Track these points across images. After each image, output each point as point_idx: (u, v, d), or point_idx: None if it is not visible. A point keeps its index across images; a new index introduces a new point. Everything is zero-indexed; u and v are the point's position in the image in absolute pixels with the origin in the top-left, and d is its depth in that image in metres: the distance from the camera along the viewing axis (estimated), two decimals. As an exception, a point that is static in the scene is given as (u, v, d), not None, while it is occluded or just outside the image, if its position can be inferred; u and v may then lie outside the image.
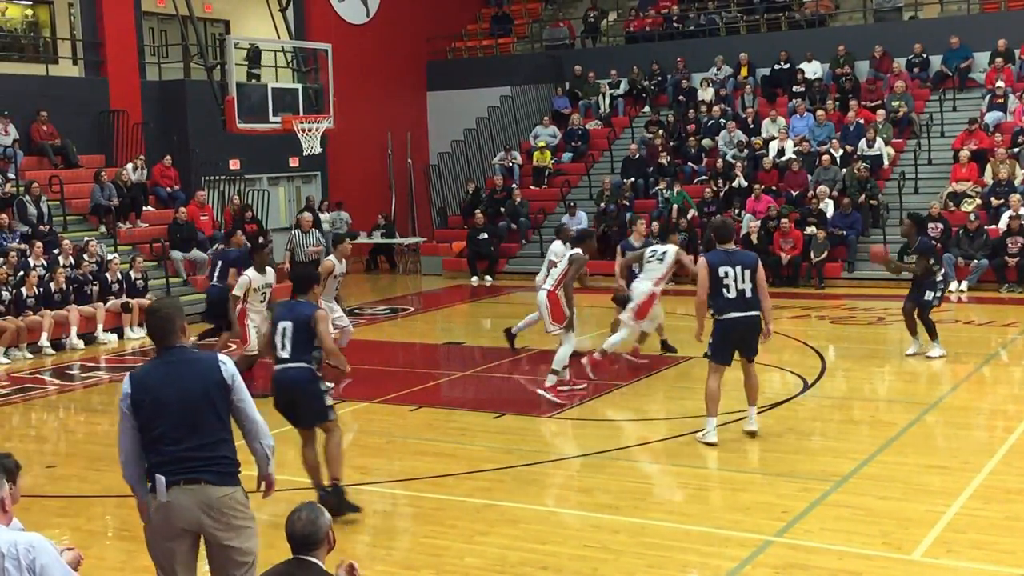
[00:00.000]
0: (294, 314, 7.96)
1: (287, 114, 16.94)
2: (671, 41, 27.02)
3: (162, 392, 5.13)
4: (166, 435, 5.12)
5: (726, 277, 9.45)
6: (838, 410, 11.10)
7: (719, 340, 9.71)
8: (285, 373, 7.89)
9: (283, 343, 7.89)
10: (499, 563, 7.00)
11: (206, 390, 5.17)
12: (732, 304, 9.48)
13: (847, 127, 22.57)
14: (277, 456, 5.74)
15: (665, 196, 22.27)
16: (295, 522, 4.60)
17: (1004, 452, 9.13)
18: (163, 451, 5.13)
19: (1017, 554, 6.89)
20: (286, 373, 7.88)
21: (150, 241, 19.18)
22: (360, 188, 25.92)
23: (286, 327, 7.91)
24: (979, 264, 18.73)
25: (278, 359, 7.95)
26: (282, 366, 7.92)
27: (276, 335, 7.94)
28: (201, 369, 5.23)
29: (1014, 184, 19.91)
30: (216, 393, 5.19)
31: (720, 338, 9.68)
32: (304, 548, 4.58)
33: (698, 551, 7.18)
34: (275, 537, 7.61)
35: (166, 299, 7.10)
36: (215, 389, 5.19)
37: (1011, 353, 13.95)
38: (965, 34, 23.57)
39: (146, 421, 5.14)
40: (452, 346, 15.75)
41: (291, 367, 7.87)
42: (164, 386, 5.14)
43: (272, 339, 7.98)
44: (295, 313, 7.97)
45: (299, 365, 7.86)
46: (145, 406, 5.13)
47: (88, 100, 20.89)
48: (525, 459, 9.41)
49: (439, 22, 28.60)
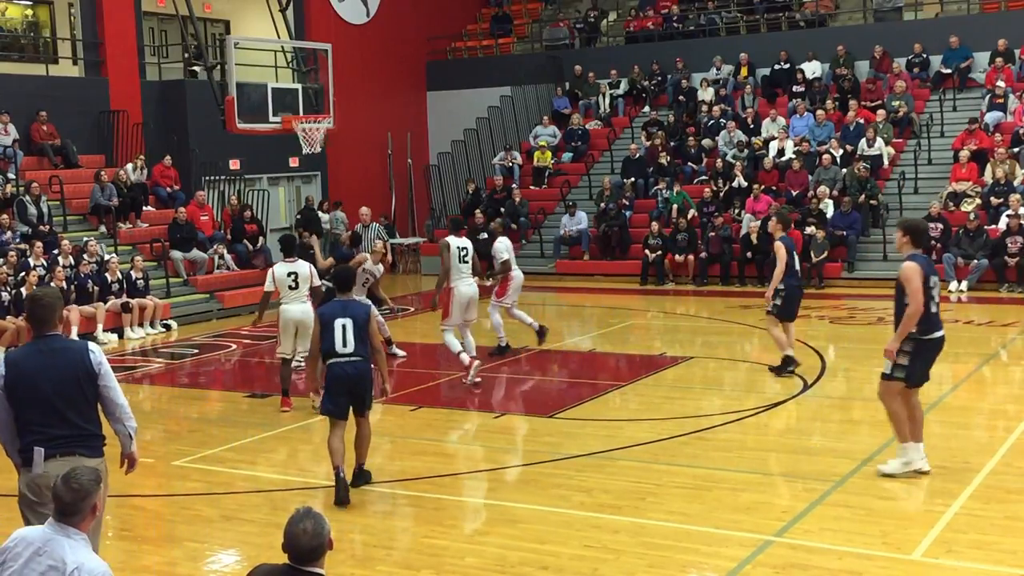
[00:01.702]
0: (351, 312, 8.46)
1: (287, 114, 16.93)
2: (671, 41, 27.02)
3: (36, 379, 5.62)
4: (37, 419, 5.62)
5: (933, 288, 8.23)
6: (838, 410, 11.10)
7: (920, 362, 8.39)
8: (352, 367, 8.35)
9: (344, 339, 8.36)
10: (499, 563, 7.00)
11: (76, 377, 5.66)
12: (937, 322, 8.31)
13: (847, 127, 22.57)
14: (272, 455, 5.73)
15: (665, 196, 22.27)
16: (300, 535, 4.17)
17: (1004, 452, 9.13)
18: (36, 431, 5.61)
19: (1017, 554, 6.89)
20: (353, 367, 8.35)
21: (150, 241, 19.18)
22: (360, 188, 25.88)
23: (346, 324, 8.39)
24: (979, 264, 18.74)
25: (338, 353, 8.35)
26: (345, 360, 8.35)
27: (335, 332, 8.35)
28: (72, 357, 5.70)
29: (1014, 184, 19.91)
30: (85, 380, 5.67)
31: (923, 360, 8.40)
32: (308, 561, 4.19)
33: (698, 551, 7.18)
34: (275, 537, 7.63)
35: (48, 288, 7.57)
36: (84, 376, 5.67)
37: (1011, 353, 13.95)
38: (965, 34, 23.58)
39: (19, 404, 5.64)
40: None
41: (356, 360, 8.36)
42: (38, 373, 5.63)
43: (324, 337, 8.41)
44: (351, 311, 8.47)
45: (362, 358, 8.39)
46: (19, 390, 5.62)
47: (88, 100, 20.89)
48: (525, 459, 9.41)
49: (439, 22, 28.61)
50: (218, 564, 7.22)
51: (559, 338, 14.65)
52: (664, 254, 21.04)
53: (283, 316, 11.60)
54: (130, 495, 8.36)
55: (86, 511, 4.35)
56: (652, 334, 16.62)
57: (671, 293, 20.37)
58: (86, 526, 4.38)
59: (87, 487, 4.34)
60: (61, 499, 4.34)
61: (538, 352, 14.18)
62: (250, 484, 9.07)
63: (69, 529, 4.32)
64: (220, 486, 8.59)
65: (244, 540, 7.68)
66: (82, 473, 4.42)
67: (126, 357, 15.38)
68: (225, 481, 8.83)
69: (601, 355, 14.26)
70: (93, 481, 4.39)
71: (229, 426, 11.09)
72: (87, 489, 4.34)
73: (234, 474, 9.20)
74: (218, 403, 12.05)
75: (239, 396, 12.46)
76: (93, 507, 4.37)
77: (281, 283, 11.54)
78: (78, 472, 4.42)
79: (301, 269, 11.60)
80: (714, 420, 10.55)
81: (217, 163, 21.84)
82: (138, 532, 7.94)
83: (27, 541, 4.34)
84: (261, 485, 9.12)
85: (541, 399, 11.98)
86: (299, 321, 11.40)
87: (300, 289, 11.53)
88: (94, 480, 4.40)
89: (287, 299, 11.57)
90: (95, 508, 4.39)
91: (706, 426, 10.29)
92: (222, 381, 14.07)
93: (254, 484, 9.10)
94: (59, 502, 4.35)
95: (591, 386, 12.35)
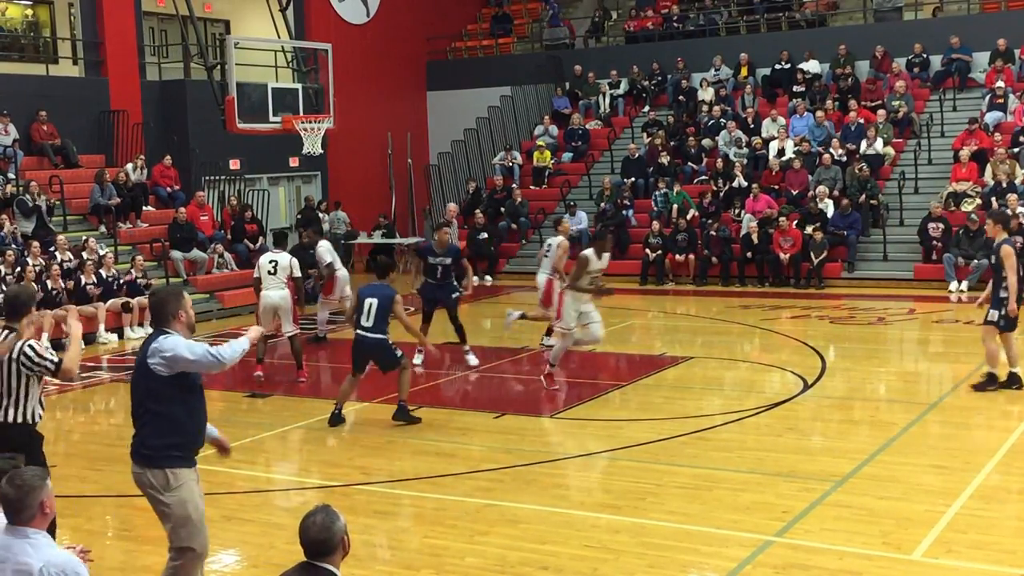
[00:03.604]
0: (379, 294, 10.38)
1: (287, 114, 16.94)
2: (671, 41, 27.02)
3: None
4: None
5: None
6: (838, 410, 11.10)
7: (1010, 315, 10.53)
8: (369, 338, 10.34)
9: (368, 315, 10.30)
10: (499, 563, 7.00)
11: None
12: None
13: (847, 127, 22.56)
14: (272, 455, 5.73)
15: (664, 195, 22.25)
16: (309, 527, 4.29)
17: (1004, 452, 9.13)
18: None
19: (1017, 554, 6.89)
20: (370, 338, 10.34)
21: (150, 241, 19.17)
22: (360, 188, 25.91)
23: (372, 303, 10.33)
24: (979, 264, 18.71)
25: (361, 326, 10.35)
26: (365, 332, 10.35)
27: (363, 308, 10.31)
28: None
29: (1014, 184, 19.90)
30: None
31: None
32: (317, 555, 4.28)
33: (698, 551, 7.18)
34: (275, 537, 7.63)
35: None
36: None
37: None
38: (965, 34, 23.57)
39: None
40: (452, 346, 15.75)
41: (371, 336, 10.34)
42: None
43: (357, 310, 10.39)
44: (379, 293, 10.39)
45: (377, 336, 10.33)
46: None
47: (88, 100, 20.89)
48: (525, 459, 9.41)
49: (439, 22, 28.60)
50: (218, 564, 7.22)
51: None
52: (664, 254, 21.04)
53: (263, 301, 12.72)
54: (130, 495, 8.36)
55: (35, 507, 4.27)
56: (652, 334, 16.62)
57: (671, 293, 20.37)
58: (40, 524, 4.29)
59: (31, 482, 4.28)
60: (7, 498, 4.27)
61: (539, 352, 14.18)
62: (250, 484, 9.07)
63: (26, 530, 4.23)
64: (220, 486, 8.59)
65: (244, 540, 7.68)
66: (25, 471, 4.39)
67: (127, 357, 15.37)
68: (225, 481, 8.83)
69: (601, 355, 14.26)
70: (37, 477, 4.34)
71: (229, 426, 11.01)
72: (31, 484, 4.28)
73: (234, 474, 9.19)
74: (218, 403, 12.04)
75: (239, 396, 12.45)
76: (42, 504, 4.29)
77: (262, 269, 12.79)
78: (21, 471, 4.40)
79: (282, 259, 12.78)
80: (714, 420, 10.55)
81: (217, 163, 21.84)
82: (138, 532, 7.93)
83: None
84: (261, 485, 9.12)
85: (541, 399, 11.98)
86: (277, 305, 12.69)
87: (278, 276, 12.67)
88: (38, 476, 4.35)
89: (266, 285, 12.73)
90: (44, 505, 4.30)
91: (706, 426, 10.29)
92: (222, 381, 14.00)
93: (254, 484, 9.10)
94: (6, 502, 4.28)
95: (591, 386, 12.35)
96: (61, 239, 17.29)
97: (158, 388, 5.69)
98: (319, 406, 11.62)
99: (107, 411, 12.19)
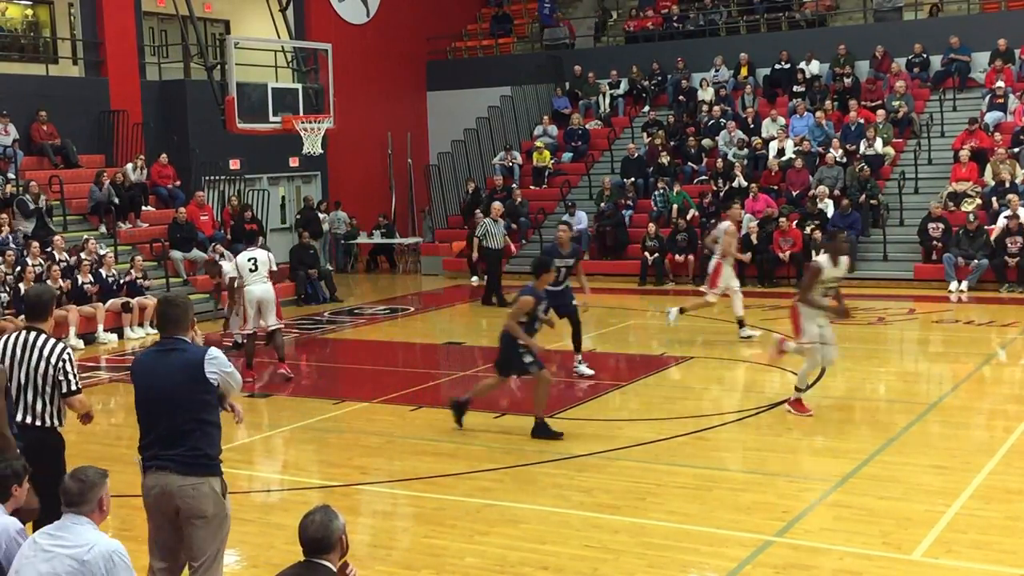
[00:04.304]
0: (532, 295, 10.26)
1: (287, 114, 16.93)
2: (671, 41, 27.02)
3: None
4: None
5: None
6: (838, 410, 11.09)
7: None
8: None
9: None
10: (499, 563, 7.00)
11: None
12: None
13: (847, 127, 22.56)
14: (272, 455, 5.72)
15: (664, 196, 22.23)
16: (308, 525, 4.50)
17: (1004, 452, 9.13)
18: None
19: (1017, 554, 6.89)
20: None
21: (150, 241, 19.17)
22: (360, 188, 25.91)
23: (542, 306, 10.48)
24: (979, 264, 18.72)
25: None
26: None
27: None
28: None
29: (1015, 184, 19.89)
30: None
31: None
32: (315, 552, 4.49)
33: (698, 551, 7.17)
34: (274, 537, 7.63)
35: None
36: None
37: (1011, 353, 13.94)
38: (965, 34, 23.57)
39: None
40: (452, 346, 15.75)
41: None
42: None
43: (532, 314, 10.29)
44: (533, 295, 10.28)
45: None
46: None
47: (88, 100, 20.89)
48: (525, 459, 9.41)
49: (439, 22, 28.60)
50: (218, 564, 7.21)
51: (559, 338, 14.57)
52: (663, 255, 21.02)
53: (247, 296, 13.10)
54: (130, 495, 8.35)
55: (94, 502, 4.70)
56: (652, 334, 16.61)
57: (671, 293, 20.35)
58: (97, 519, 4.72)
59: (93, 478, 4.74)
60: (69, 491, 4.69)
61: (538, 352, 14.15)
62: (249, 484, 9.07)
63: (81, 518, 4.66)
64: (220, 486, 8.58)
65: (243, 540, 7.67)
66: (88, 468, 4.82)
67: (126, 357, 15.36)
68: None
69: (601, 355, 14.26)
70: (99, 474, 4.78)
71: (228, 426, 11.04)
72: (93, 480, 4.72)
73: (234, 474, 9.17)
74: (218, 403, 12.04)
75: (238, 397, 12.43)
76: (100, 500, 4.71)
77: (242, 267, 13.21)
78: (85, 468, 4.81)
79: (260, 255, 13.24)
80: (714, 420, 10.54)
81: (217, 163, 21.83)
82: (138, 532, 7.90)
83: (34, 539, 4.70)
84: (260, 485, 9.11)
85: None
86: (260, 299, 13.00)
87: (260, 271, 13.07)
88: (100, 474, 4.79)
89: (248, 281, 13.09)
90: (102, 501, 4.72)
91: (706, 426, 10.29)
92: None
93: (253, 484, 9.10)
94: (67, 495, 4.69)
95: (591, 386, 12.34)
96: (58, 239, 17.28)
97: (212, 399, 5.63)
98: (318, 406, 11.62)
99: (106, 411, 12.17)
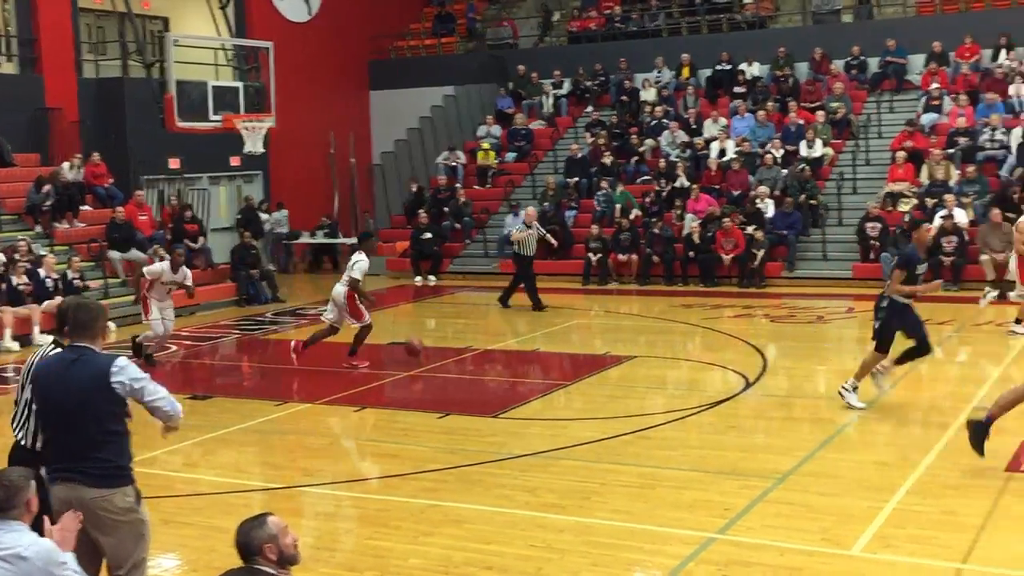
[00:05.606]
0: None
1: (228, 113, 16.77)
2: (614, 42, 27.14)
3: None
4: None
5: None
6: (779, 408, 11.22)
7: None
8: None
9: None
10: (443, 563, 6.98)
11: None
12: None
13: (788, 128, 22.82)
14: (213, 458, 5.65)
15: (607, 195, 22.32)
16: (236, 532, 4.68)
17: (940, 448, 9.28)
18: None
19: (953, 548, 7.01)
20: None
21: (87, 241, 18.86)
22: (302, 188, 25.70)
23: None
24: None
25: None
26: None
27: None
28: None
29: (949, 184, 20.26)
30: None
31: None
32: (245, 557, 4.66)
33: (642, 549, 7.21)
34: (216, 541, 7.53)
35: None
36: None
37: (947, 351, 14.19)
38: (901, 37, 23.96)
39: None
40: (395, 346, 15.69)
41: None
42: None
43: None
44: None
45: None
46: None
47: (23, 97, 20.47)
48: (469, 459, 9.39)
49: (382, 21, 28.47)
50: (158, 568, 7.11)
51: (503, 338, 14.69)
52: (607, 254, 21.11)
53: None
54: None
55: (21, 505, 4.69)
56: (595, 333, 16.68)
57: (614, 292, 20.46)
58: (26, 519, 4.72)
59: (17, 483, 4.72)
60: None
61: (482, 352, 14.17)
62: (190, 487, 8.96)
63: (12, 523, 4.67)
64: (159, 489, 8.45)
65: (184, 544, 7.58)
66: (11, 471, 4.83)
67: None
68: (164, 484, 8.70)
69: (545, 354, 14.28)
70: (23, 477, 4.77)
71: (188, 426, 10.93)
72: (17, 484, 4.71)
73: (173, 477, 9.07)
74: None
75: (180, 398, 12.23)
76: (28, 502, 4.71)
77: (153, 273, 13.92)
78: (8, 471, 4.83)
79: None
80: (657, 419, 10.61)
81: (156, 162, 21.53)
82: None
83: None
84: (201, 488, 9.00)
85: (485, 399, 11.96)
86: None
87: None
88: (24, 476, 4.77)
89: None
90: (29, 503, 4.72)
91: (649, 425, 10.34)
92: (162, 382, 13.86)
93: (194, 487, 8.99)
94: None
95: (535, 385, 12.36)
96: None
97: (119, 409, 5.44)
98: (261, 407, 11.51)
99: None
